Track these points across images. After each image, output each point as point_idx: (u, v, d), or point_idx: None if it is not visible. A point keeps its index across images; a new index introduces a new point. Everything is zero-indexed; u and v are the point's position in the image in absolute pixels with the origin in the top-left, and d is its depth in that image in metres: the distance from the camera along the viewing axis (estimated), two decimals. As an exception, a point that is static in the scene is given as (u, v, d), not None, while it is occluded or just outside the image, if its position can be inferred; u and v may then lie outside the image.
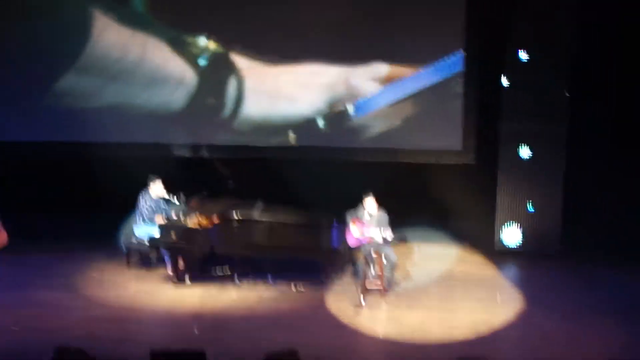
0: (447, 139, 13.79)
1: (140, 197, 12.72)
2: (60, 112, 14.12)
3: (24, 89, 14.15)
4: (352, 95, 13.82)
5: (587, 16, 12.93)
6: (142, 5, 13.89)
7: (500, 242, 13.47)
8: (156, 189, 12.72)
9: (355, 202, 12.33)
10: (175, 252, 12.25)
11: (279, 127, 14.09)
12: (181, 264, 12.35)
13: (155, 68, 13.87)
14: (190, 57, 13.89)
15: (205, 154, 14.22)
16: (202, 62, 13.86)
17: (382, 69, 13.68)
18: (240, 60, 13.88)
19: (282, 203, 12.67)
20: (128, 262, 12.80)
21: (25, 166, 14.40)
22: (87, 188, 14.22)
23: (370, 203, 12.06)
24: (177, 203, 12.52)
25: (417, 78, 13.64)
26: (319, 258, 12.44)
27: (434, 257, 13.39)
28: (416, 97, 13.73)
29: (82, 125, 14.08)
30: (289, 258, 12.51)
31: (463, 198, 13.73)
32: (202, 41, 13.80)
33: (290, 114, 14.01)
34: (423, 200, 13.85)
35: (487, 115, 13.59)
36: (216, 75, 13.97)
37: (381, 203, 12.13)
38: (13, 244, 13.04)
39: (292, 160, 14.01)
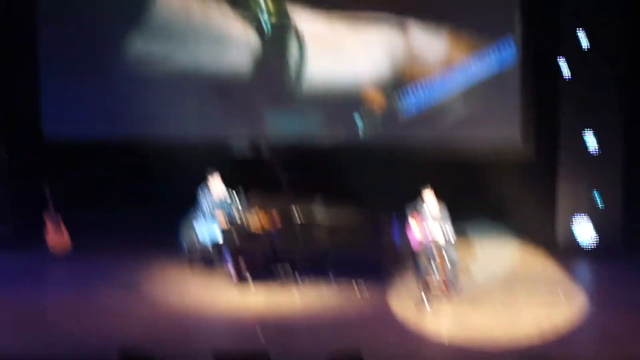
0: (505, 133, 13.68)
1: (200, 193, 12.80)
2: (122, 99, 14.23)
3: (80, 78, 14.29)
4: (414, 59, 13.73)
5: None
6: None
7: (567, 236, 13.28)
8: (215, 184, 12.79)
9: (414, 198, 12.27)
10: (238, 255, 12.30)
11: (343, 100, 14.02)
12: (243, 265, 12.36)
13: (219, 30, 13.93)
14: (252, 17, 13.91)
15: (265, 153, 14.26)
16: (264, 21, 13.87)
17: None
18: (302, 18, 13.86)
19: (341, 199, 12.65)
20: (190, 262, 12.83)
21: (84, 163, 14.47)
22: (147, 183, 14.24)
23: (429, 197, 12.00)
24: (237, 200, 12.58)
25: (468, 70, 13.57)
26: (380, 256, 12.42)
27: (496, 254, 13.30)
28: (473, 91, 13.61)
29: (141, 118, 14.22)
30: (351, 257, 12.46)
31: (523, 193, 13.57)
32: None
33: (352, 80, 13.93)
34: (483, 196, 13.67)
35: (546, 107, 13.43)
36: (279, 37, 13.91)
37: (441, 199, 12.07)
38: (75, 243, 13.49)
39: (349, 156, 13.96)
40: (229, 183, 12.89)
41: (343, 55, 13.89)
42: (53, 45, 14.13)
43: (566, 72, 12.90)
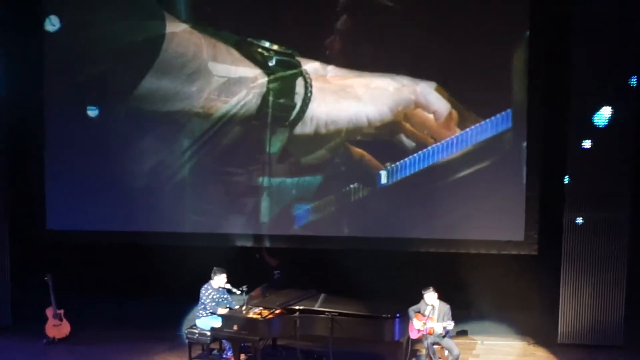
0: (508, 229, 13.59)
1: (204, 289, 12.81)
2: (123, 197, 14.27)
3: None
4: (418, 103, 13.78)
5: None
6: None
7: (569, 333, 13.27)
8: (219, 280, 12.81)
9: (415, 293, 12.33)
10: (237, 342, 12.25)
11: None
12: (243, 356, 12.36)
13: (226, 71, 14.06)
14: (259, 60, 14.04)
15: (267, 243, 14.22)
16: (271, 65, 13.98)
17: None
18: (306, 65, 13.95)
19: (342, 295, 12.71)
20: (190, 354, 12.76)
21: (90, 254, 14.56)
22: (150, 276, 14.30)
23: (430, 297, 12.09)
24: (239, 293, 12.55)
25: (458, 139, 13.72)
26: (381, 350, 12.51)
27: (497, 350, 13.26)
28: (478, 185, 13.64)
29: (144, 215, 14.24)
30: (352, 350, 12.52)
31: (525, 289, 13.66)
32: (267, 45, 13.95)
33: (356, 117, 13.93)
34: (484, 291, 13.69)
35: (550, 205, 13.47)
36: (285, 82, 14.01)
37: (442, 294, 12.12)
38: (77, 333, 13.59)
39: (351, 250, 13.94)
40: (231, 274, 12.90)
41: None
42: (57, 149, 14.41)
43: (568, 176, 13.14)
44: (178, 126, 14.13)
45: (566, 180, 13.13)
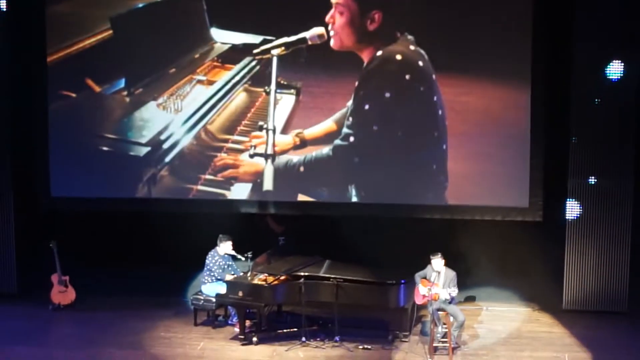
0: (513, 196, 13.61)
1: (210, 256, 12.88)
2: (127, 164, 14.27)
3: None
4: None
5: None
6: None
7: (573, 297, 13.36)
8: (225, 247, 12.87)
9: (420, 260, 12.35)
10: (242, 308, 12.33)
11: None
12: (248, 322, 12.44)
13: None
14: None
15: (271, 210, 14.21)
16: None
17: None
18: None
19: (347, 261, 12.81)
20: (195, 320, 12.90)
21: (94, 221, 14.56)
22: (155, 244, 14.31)
23: (437, 263, 12.11)
24: (244, 260, 12.62)
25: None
26: (386, 316, 12.56)
27: (501, 316, 13.37)
28: (483, 155, 13.65)
29: (148, 182, 14.22)
30: (357, 316, 12.56)
31: (530, 256, 13.66)
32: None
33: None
34: (490, 257, 13.71)
35: (554, 171, 13.51)
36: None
37: (447, 261, 12.15)
38: (82, 300, 13.67)
39: (356, 217, 13.97)
40: (236, 241, 12.98)
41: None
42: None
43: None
44: (181, 93, 14.13)
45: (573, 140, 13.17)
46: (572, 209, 13.26)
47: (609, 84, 12.99)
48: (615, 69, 12.95)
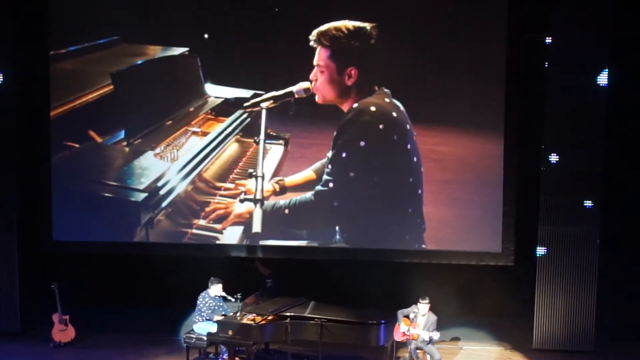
0: (487, 241, 14.22)
1: (201, 297, 13.47)
2: (124, 210, 14.89)
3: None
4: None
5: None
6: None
7: (543, 339, 13.89)
8: (216, 289, 13.47)
9: (399, 300, 13.10)
10: (232, 346, 12.90)
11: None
12: None
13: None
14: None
15: (260, 254, 14.85)
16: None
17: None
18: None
19: (331, 302, 13.38)
20: (187, 358, 13.34)
21: (94, 263, 15.22)
22: (150, 285, 15.03)
23: (423, 308, 12.73)
24: (234, 301, 13.21)
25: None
26: (367, 354, 13.24)
27: (476, 355, 13.89)
28: (459, 204, 14.30)
29: (144, 227, 14.83)
30: (340, 354, 13.19)
31: (503, 297, 14.35)
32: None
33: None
34: (465, 299, 14.40)
35: (525, 218, 14.12)
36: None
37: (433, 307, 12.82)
38: (81, 338, 14.16)
39: (340, 261, 14.61)
40: (226, 283, 13.55)
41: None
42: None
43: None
44: (177, 144, 14.89)
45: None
46: (542, 254, 13.83)
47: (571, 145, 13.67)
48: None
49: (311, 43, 14.28)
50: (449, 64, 14.20)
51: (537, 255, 13.86)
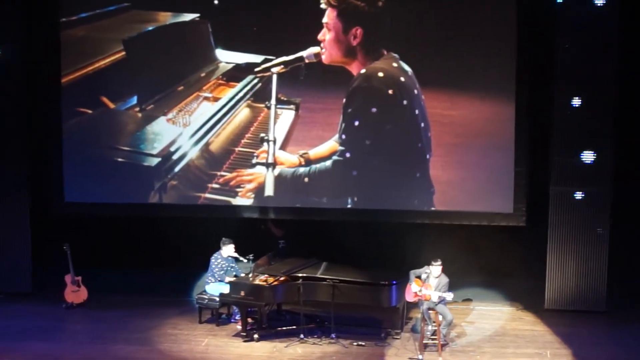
0: (498, 202, 14.27)
1: (213, 258, 13.56)
2: (136, 173, 15.05)
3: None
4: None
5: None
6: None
7: (555, 299, 13.94)
8: (228, 250, 13.55)
9: (410, 261, 13.13)
10: (244, 307, 12.98)
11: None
12: (250, 320, 13.09)
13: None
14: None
15: (272, 215, 14.92)
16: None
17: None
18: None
19: (344, 263, 13.46)
20: (200, 318, 13.54)
21: (106, 226, 15.29)
22: (163, 247, 15.07)
23: (436, 270, 12.68)
24: (246, 262, 13.29)
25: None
26: (379, 315, 13.30)
27: (487, 315, 13.94)
28: (469, 167, 14.36)
29: (157, 189, 14.98)
30: (352, 315, 13.21)
31: (515, 258, 14.36)
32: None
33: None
34: (477, 260, 14.40)
35: (537, 179, 14.18)
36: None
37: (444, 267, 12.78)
38: (94, 299, 14.28)
39: (351, 222, 14.70)
40: (239, 244, 13.64)
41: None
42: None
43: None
44: (189, 109, 14.97)
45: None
46: (554, 214, 13.83)
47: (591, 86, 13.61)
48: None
49: (321, 5, 14.32)
50: (458, 26, 14.21)
51: (549, 219, 13.84)
